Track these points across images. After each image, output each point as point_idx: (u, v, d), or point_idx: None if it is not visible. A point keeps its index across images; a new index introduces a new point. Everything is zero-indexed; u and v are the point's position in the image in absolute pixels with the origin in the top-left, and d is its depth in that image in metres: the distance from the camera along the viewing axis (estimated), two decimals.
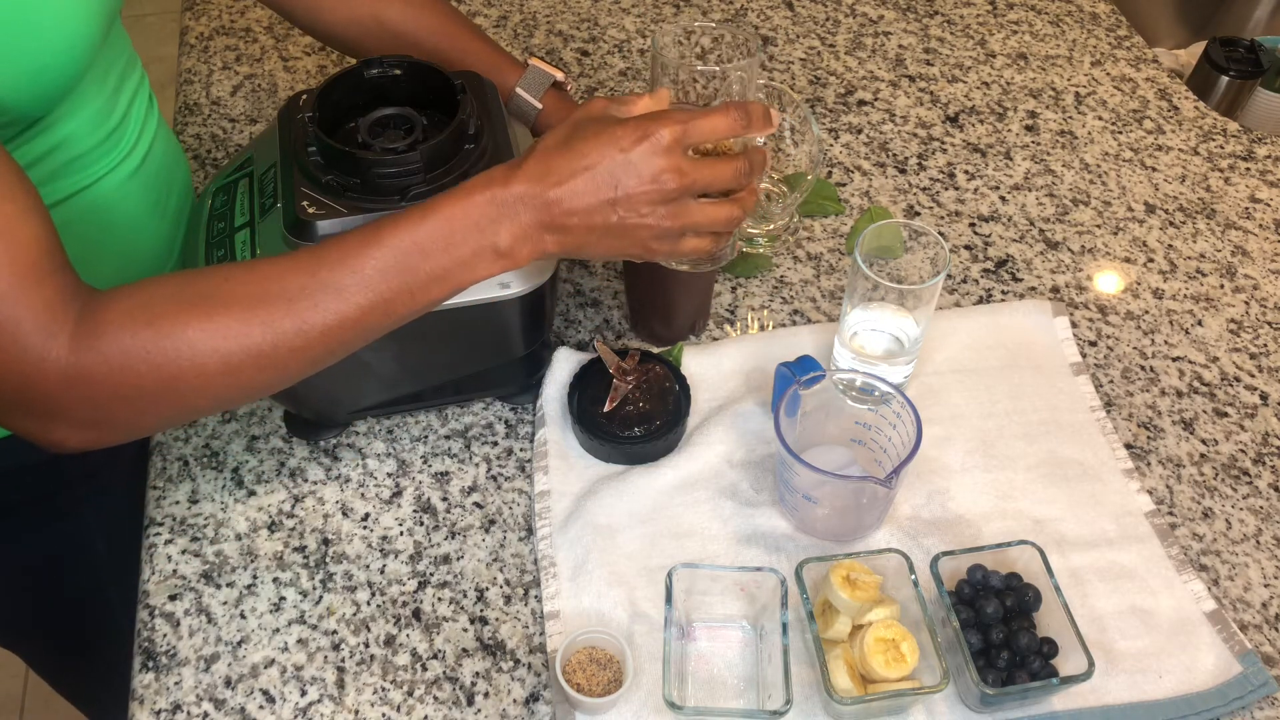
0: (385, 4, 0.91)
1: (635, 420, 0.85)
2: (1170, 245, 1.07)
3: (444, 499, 0.86)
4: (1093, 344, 0.98)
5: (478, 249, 0.66)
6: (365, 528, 0.84)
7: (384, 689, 0.76)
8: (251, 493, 0.85)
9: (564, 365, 0.90)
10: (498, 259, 0.67)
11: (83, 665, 1.14)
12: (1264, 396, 0.95)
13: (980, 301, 1.01)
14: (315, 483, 0.86)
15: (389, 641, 0.78)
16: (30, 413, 0.64)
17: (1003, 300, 1.01)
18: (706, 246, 0.72)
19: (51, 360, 0.61)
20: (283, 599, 0.80)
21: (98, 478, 0.97)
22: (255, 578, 0.81)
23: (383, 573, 0.81)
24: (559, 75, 0.92)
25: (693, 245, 0.71)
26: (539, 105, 0.91)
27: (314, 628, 0.79)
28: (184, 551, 0.82)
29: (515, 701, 0.75)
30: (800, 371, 0.81)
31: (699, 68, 0.78)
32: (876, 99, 1.21)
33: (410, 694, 0.76)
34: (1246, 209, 1.10)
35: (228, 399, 0.69)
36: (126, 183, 0.84)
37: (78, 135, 0.78)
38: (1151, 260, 1.05)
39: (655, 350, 0.92)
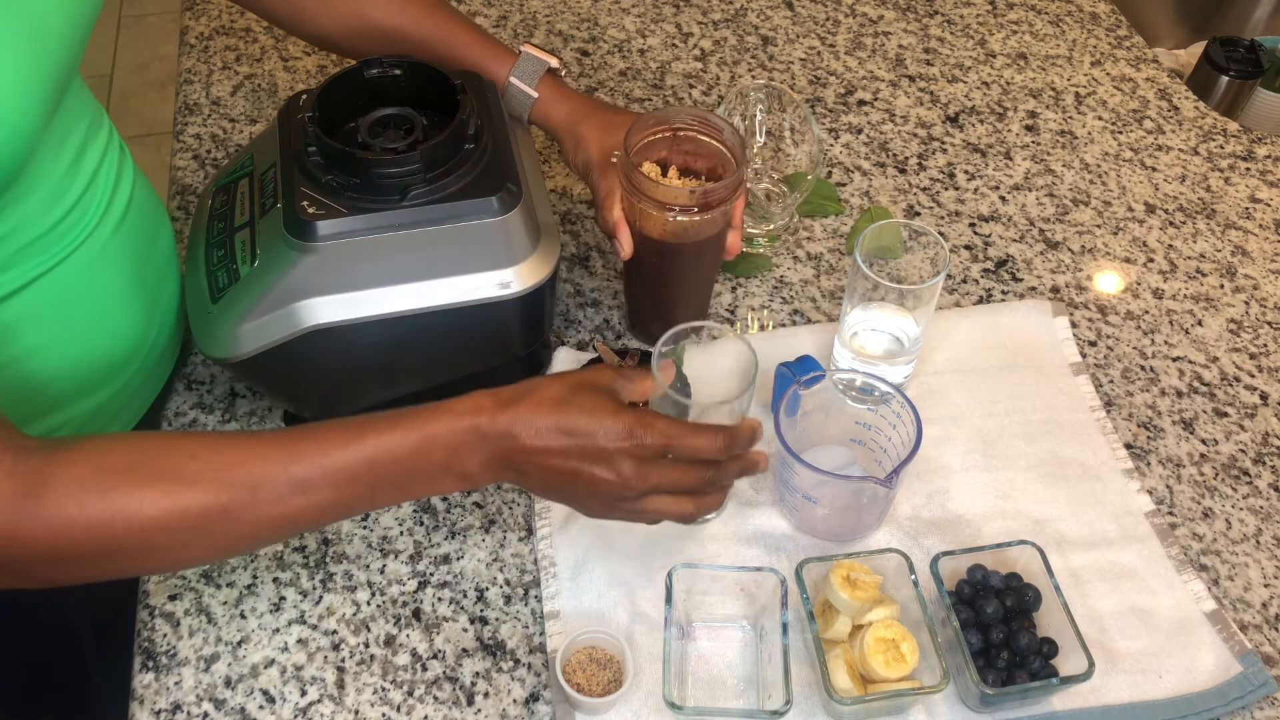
0: (368, 1, 0.90)
1: None
2: (1170, 245, 1.07)
3: (444, 499, 0.86)
4: (1093, 344, 0.98)
5: (445, 468, 0.67)
6: (365, 528, 0.84)
7: (384, 689, 0.76)
8: None
9: (564, 365, 0.90)
10: (460, 480, 0.68)
11: None
12: (1264, 396, 0.94)
13: (980, 301, 1.01)
14: None
15: (389, 641, 0.78)
16: None
17: (1003, 300, 1.01)
18: (672, 509, 0.70)
19: None
20: (283, 599, 0.80)
21: None
22: (255, 578, 0.81)
23: (383, 573, 0.81)
24: (553, 62, 0.91)
25: (657, 506, 0.70)
26: (534, 94, 0.90)
27: (314, 628, 0.79)
28: None
29: (515, 701, 0.75)
30: (800, 371, 0.81)
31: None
32: (876, 99, 1.21)
33: (410, 694, 0.76)
34: (1246, 209, 1.10)
35: (161, 569, 0.76)
36: (95, 260, 0.79)
37: (30, 219, 0.72)
38: (1151, 260, 1.05)
39: None
